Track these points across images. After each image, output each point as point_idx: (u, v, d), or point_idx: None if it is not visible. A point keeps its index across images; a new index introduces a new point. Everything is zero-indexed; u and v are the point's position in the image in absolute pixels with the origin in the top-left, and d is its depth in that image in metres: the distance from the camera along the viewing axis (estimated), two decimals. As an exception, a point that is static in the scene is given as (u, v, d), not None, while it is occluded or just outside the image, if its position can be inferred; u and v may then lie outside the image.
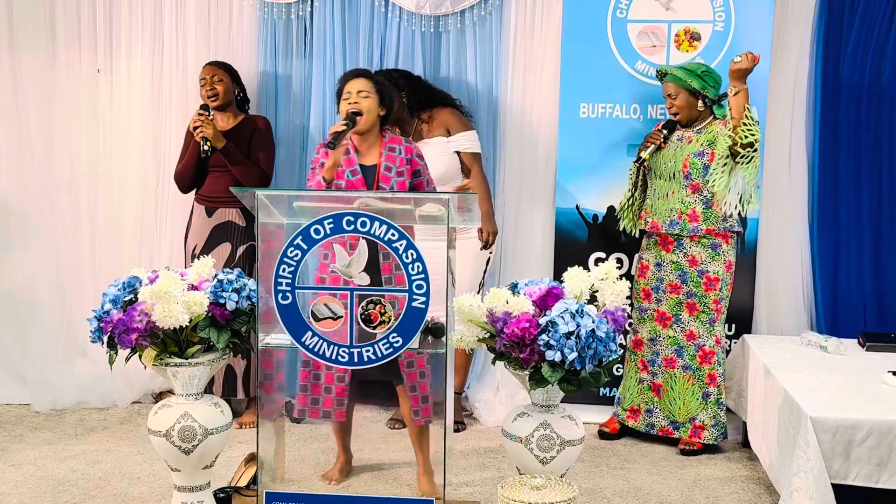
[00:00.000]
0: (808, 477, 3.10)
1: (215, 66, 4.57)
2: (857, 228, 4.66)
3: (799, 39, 4.59)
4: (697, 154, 4.11)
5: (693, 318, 4.18)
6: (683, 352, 4.20)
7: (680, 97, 4.14)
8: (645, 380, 4.28)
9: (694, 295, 4.16)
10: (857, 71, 4.58)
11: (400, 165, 3.56)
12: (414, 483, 3.74)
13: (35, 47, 4.98)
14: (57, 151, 5.02)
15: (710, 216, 4.11)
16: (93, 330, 3.10)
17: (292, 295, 3.08)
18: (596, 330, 2.84)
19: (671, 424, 4.24)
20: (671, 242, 4.18)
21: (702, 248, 4.14)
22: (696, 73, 4.12)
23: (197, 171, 4.48)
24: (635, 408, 4.31)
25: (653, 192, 4.23)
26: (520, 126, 4.81)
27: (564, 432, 3.01)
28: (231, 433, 3.28)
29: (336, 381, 3.56)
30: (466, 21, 4.84)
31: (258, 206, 3.11)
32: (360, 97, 3.53)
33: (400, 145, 3.61)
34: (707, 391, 4.20)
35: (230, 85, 4.54)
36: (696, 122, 4.19)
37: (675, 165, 4.14)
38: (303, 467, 3.97)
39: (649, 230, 4.23)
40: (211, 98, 4.49)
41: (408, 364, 3.51)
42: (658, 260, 4.22)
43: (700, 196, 4.12)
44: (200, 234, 4.51)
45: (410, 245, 3.02)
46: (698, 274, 4.14)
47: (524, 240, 4.82)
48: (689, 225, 4.12)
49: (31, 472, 3.87)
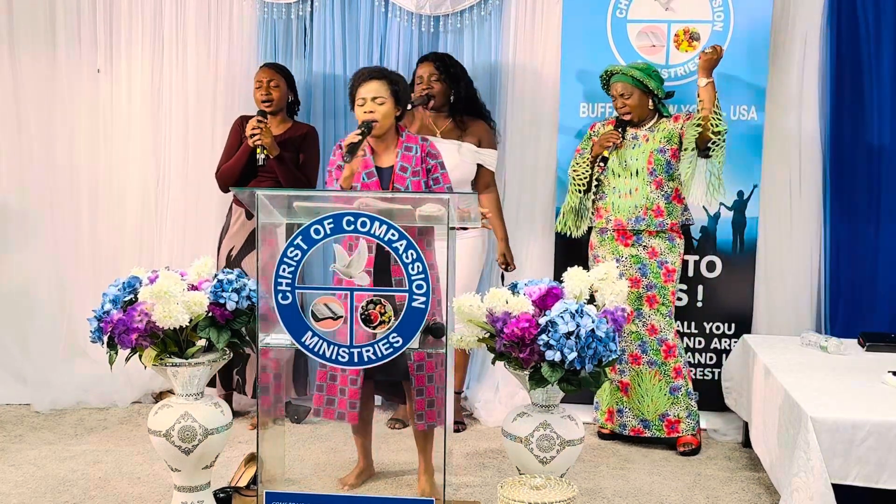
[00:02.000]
0: (808, 477, 3.10)
1: (272, 69, 4.47)
2: (866, 228, 4.65)
3: (806, 31, 4.58)
4: (660, 150, 4.17)
5: (653, 312, 4.21)
6: (647, 346, 4.22)
7: (633, 96, 4.17)
8: (614, 379, 4.30)
9: (654, 287, 4.20)
10: (870, 67, 4.58)
11: (416, 165, 3.52)
12: (414, 483, 3.74)
13: (35, 47, 4.98)
14: (57, 152, 5.02)
15: (674, 210, 4.19)
16: (93, 330, 3.10)
17: (292, 295, 3.08)
18: (596, 330, 2.84)
19: (641, 423, 4.26)
20: (629, 237, 4.21)
21: (660, 241, 4.19)
22: (648, 72, 4.18)
23: (242, 173, 4.40)
24: (611, 409, 4.33)
25: (612, 191, 4.24)
26: (520, 126, 4.81)
27: (564, 432, 3.01)
28: (231, 433, 3.28)
29: (349, 384, 3.53)
30: (466, 21, 4.84)
31: (258, 205, 3.11)
32: (375, 104, 3.46)
33: (416, 144, 3.56)
34: (674, 385, 4.21)
35: (286, 90, 4.47)
36: (645, 120, 4.23)
37: (639, 162, 4.18)
38: (303, 467, 3.97)
39: (613, 227, 4.23)
40: (265, 103, 4.39)
41: (417, 367, 3.49)
42: (616, 255, 4.23)
43: (662, 191, 4.18)
44: (238, 238, 4.45)
45: (410, 245, 3.02)
46: (658, 265, 4.19)
47: (524, 240, 4.82)
48: (656, 220, 4.17)
49: (31, 472, 3.87)
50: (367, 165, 3.51)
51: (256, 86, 4.44)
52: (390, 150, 3.56)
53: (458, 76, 4.47)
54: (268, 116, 4.42)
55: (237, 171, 4.39)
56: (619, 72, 4.19)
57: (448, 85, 4.43)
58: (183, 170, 4.99)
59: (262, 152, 4.27)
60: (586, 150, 4.30)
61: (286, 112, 4.54)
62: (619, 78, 4.19)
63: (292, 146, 4.41)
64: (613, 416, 4.32)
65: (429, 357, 3.47)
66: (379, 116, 3.46)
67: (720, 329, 4.56)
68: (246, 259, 4.39)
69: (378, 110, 3.46)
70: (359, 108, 3.49)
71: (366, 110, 3.46)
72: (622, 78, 4.18)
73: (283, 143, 4.38)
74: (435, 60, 4.45)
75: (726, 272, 4.53)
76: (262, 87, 4.41)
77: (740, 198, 4.50)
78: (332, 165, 3.58)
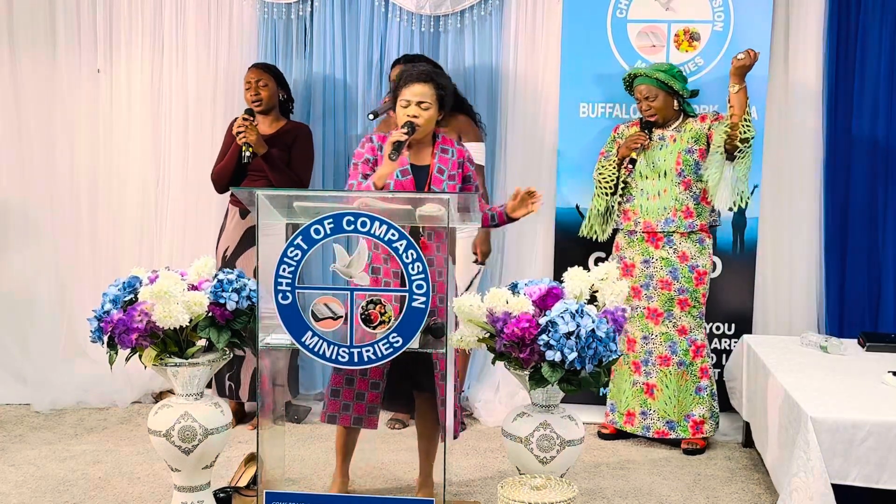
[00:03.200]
0: (808, 477, 3.10)
1: (261, 69, 4.49)
2: (867, 228, 4.66)
3: (807, 34, 4.59)
4: (688, 151, 4.15)
5: (684, 314, 4.20)
6: (677, 347, 4.21)
7: (658, 98, 4.15)
8: (637, 382, 4.28)
9: (685, 291, 4.18)
10: (870, 67, 4.58)
11: (452, 169, 3.46)
12: (413, 484, 3.74)
13: (35, 47, 4.98)
14: (57, 151, 5.03)
15: (703, 211, 4.18)
16: (93, 330, 3.10)
17: (292, 295, 3.08)
18: (596, 330, 2.84)
19: (667, 425, 4.24)
20: (660, 238, 4.19)
21: (691, 244, 4.17)
22: (673, 73, 4.16)
23: (235, 173, 4.42)
24: (631, 411, 4.31)
25: (640, 193, 4.22)
26: (520, 126, 4.81)
27: (564, 432, 3.00)
28: (231, 433, 3.28)
29: (370, 388, 3.42)
30: (466, 21, 4.84)
31: (258, 205, 3.11)
32: (420, 108, 3.37)
33: (452, 147, 3.50)
34: (700, 385, 4.21)
35: (275, 89, 4.47)
36: (670, 121, 4.21)
37: (667, 164, 4.16)
38: (303, 467, 3.97)
39: (641, 230, 4.22)
40: (255, 103, 4.41)
41: (442, 376, 3.34)
42: (646, 256, 4.22)
43: (691, 192, 4.16)
44: (233, 237, 4.46)
45: (410, 245, 3.02)
46: (689, 269, 4.17)
47: (524, 240, 4.82)
48: (685, 221, 4.15)
49: (31, 472, 3.87)
50: (402, 163, 3.41)
51: (245, 86, 4.46)
52: (426, 150, 3.48)
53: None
54: (256, 116, 4.42)
55: (229, 171, 4.41)
56: (643, 74, 4.15)
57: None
58: (183, 170, 5.00)
59: (247, 150, 4.28)
60: (611, 153, 4.28)
61: (279, 111, 4.54)
62: (643, 80, 4.15)
63: (283, 144, 4.41)
64: (635, 419, 4.29)
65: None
66: (422, 122, 3.37)
67: (720, 329, 4.56)
68: (241, 258, 4.39)
69: (422, 115, 3.38)
70: (401, 109, 3.41)
71: (409, 113, 3.38)
72: (646, 80, 4.14)
73: (273, 140, 4.39)
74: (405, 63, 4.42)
75: (726, 272, 4.53)
76: (251, 88, 4.43)
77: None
78: (358, 158, 3.46)
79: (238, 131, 4.28)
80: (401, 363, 3.30)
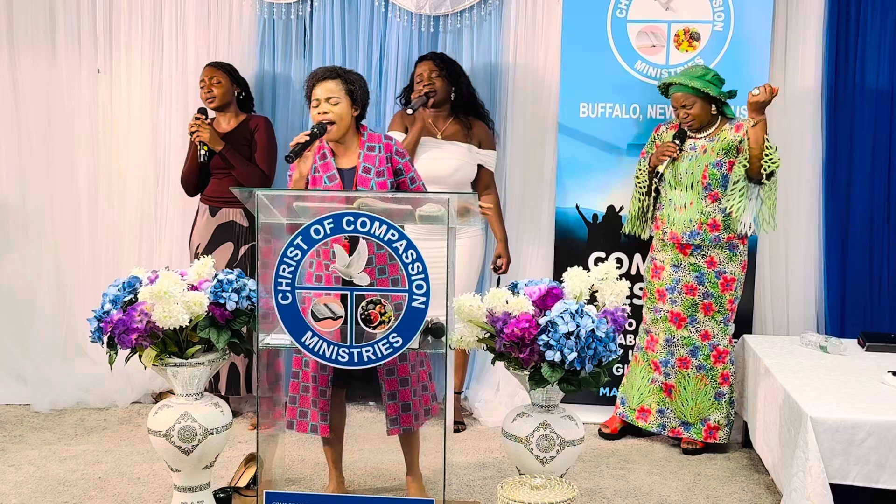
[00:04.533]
0: (806, 477, 3.10)
1: (214, 67, 4.55)
2: (867, 228, 4.65)
3: (807, 35, 4.59)
4: (715, 164, 4.08)
5: (708, 318, 4.17)
6: (698, 352, 4.18)
7: (696, 106, 4.07)
8: (657, 380, 4.27)
9: (710, 296, 4.14)
10: (870, 67, 4.58)
11: (380, 165, 3.43)
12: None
13: (35, 47, 4.98)
14: (57, 151, 5.02)
15: (730, 223, 4.09)
16: (93, 330, 3.10)
17: (292, 295, 3.08)
18: (596, 330, 2.84)
19: (682, 425, 4.23)
20: (688, 247, 4.16)
21: (720, 250, 4.13)
22: (707, 78, 4.06)
23: (200, 174, 4.48)
24: (645, 408, 4.29)
25: (668, 203, 4.18)
26: (520, 126, 4.81)
27: (564, 432, 3.00)
28: (231, 433, 3.28)
29: (319, 395, 3.43)
30: (466, 21, 4.84)
31: (258, 206, 3.11)
32: (329, 105, 3.36)
33: (379, 143, 3.46)
34: (720, 391, 4.19)
35: (229, 86, 4.52)
36: (706, 126, 4.15)
37: (694, 177, 4.10)
38: (303, 467, 3.97)
39: (668, 240, 4.18)
40: (209, 100, 4.48)
41: (387, 371, 3.39)
42: (675, 262, 4.18)
43: (719, 205, 4.09)
44: (204, 234, 4.51)
45: (410, 245, 3.02)
46: (716, 275, 4.13)
47: (524, 240, 4.82)
48: (711, 234, 4.10)
49: (31, 472, 3.87)
50: (328, 168, 3.43)
51: (200, 85, 4.52)
52: (352, 151, 3.46)
53: (457, 73, 4.48)
54: (216, 115, 4.50)
55: (193, 173, 4.49)
56: (678, 83, 4.07)
57: (448, 82, 4.44)
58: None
59: (202, 148, 4.31)
60: (650, 153, 4.25)
61: (238, 107, 4.58)
62: (679, 89, 4.07)
63: (242, 138, 4.46)
64: (649, 416, 4.27)
65: (401, 361, 3.38)
66: (334, 118, 3.36)
67: (720, 329, 4.56)
68: (213, 254, 4.36)
69: (332, 111, 3.36)
70: (313, 110, 3.39)
71: (320, 111, 3.37)
72: (682, 89, 4.06)
73: (233, 136, 4.45)
74: (434, 58, 4.46)
75: (726, 272, 4.52)
76: (205, 86, 4.48)
77: (740, 198, 4.49)
78: (292, 170, 3.46)
79: (191, 131, 4.36)
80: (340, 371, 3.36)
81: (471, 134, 4.48)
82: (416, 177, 3.54)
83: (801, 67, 4.62)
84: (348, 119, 3.41)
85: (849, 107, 4.62)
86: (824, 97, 4.62)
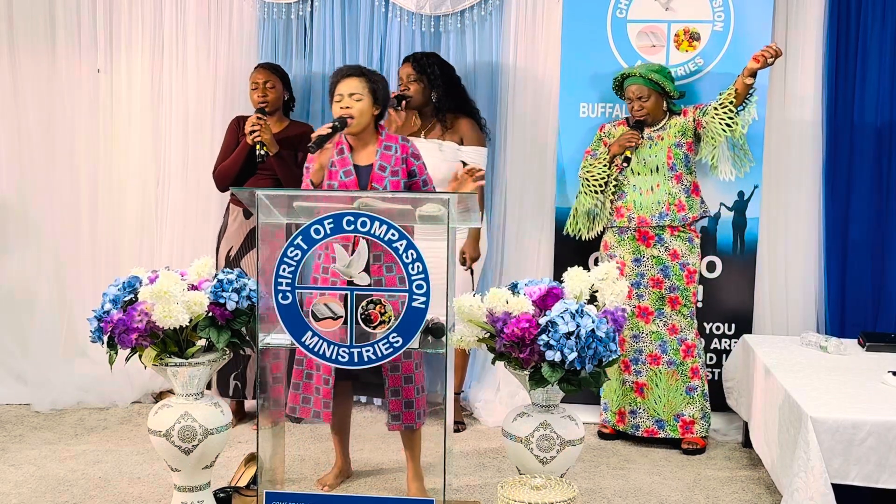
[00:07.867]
0: (808, 477, 3.10)
1: (269, 70, 4.48)
2: (867, 228, 4.65)
3: (807, 34, 4.59)
4: (677, 145, 4.21)
5: (675, 312, 4.22)
6: (667, 346, 4.22)
7: (651, 99, 4.19)
8: (627, 381, 4.29)
9: (676, 289, 4.21)
10: (871, 67, 4.58)
11: (395, 165, 3.51)
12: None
13: (35, 47, 4.98)
14: (57, 151, 5.02)
15: (693, 204, 4.22)
16: (93, 330, 3.10)
17: (292, 295, 3.08)
18: (596, 330, 2.84)
19: (656, 424, 4.25)
20: (651, 237, 4.21)
21: (681, 242, 4.21)
22: (665, 74, 4.21)
23: (241, 171, 4.40)
24: (622, 410, 4.32)
25: (632, 189, 4.24)
26: (520, 126, 4.81)
27: (564, 432, 3.01)
28: (231, 433, 3.28)
29: (323, 384, 3.50)
30: (466, 21, 4.84)
31: (258, 205, 3.11)
32: (352, 100, 3.47)
33: (396, 143, 3.55)
34: (691, 385, 4.22)
35: (282, 90, 4.48)
36: (658, 121, 4.25)
37: (659, 159, 4.20)
38: (303, 467, 3.97)
39: (635, 226, 4.23)
40: (262, 104, 4.39)
41: (391, 368, 3.44)
42: (636, 255, 4.23)
43: (682, 186, 4.21)
44: (237, 237, 4.44)
45: (410, 245, 3.02)
46: (680, 267, 4.21)
47: (524, 239, 4.82)
48: (679, 214, 4.18)
49: (31, 472, 3.87)
50: (345, 163, 3.51)
51: (252, 87, 4.44)
52: (369, 149, 3.55)
53: (436, 77, 4.43)
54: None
55: (235, 170, 4.39)
56: (637, 74, 4.18)
57: (426, 86, 4.41)
58: (183, 170, 4.99)
59: (261, 149, 4.26)
60: (599, 152, 4.29)
61: (282, 111, 4.54)
62: (635, 80, 4.19)
63: (290, 145, 4.41)
64: (625, 417, 4.30)
65: (406, 358, 3.42)
66: (355, 113, 3.46)
67: (720, 329, 4.56)
68: (245, 259, 4.39)
69: (354, 107, 3.46)
70: (336, 105, 3.50)
71: (342, 106, 3.47)
72: (638, 80, 4.18)
73: (281, 141, 4.38)
74: (414, 62, 4.43)
75: (726, 272, 4.53)
76: (259, 88, 4.41)
77: (741, 198, 4.50)
78: (309, 162, 3.58)
79: (252, 130, 4.25)
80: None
81: (449, 131, 4.44)
82: (428, 179, 3.63)
83: (801, 68, 4.62)
84: (368, 116, 3.51)
85: (849, 107, 4.62)
86: (824, 97, 4.62)
